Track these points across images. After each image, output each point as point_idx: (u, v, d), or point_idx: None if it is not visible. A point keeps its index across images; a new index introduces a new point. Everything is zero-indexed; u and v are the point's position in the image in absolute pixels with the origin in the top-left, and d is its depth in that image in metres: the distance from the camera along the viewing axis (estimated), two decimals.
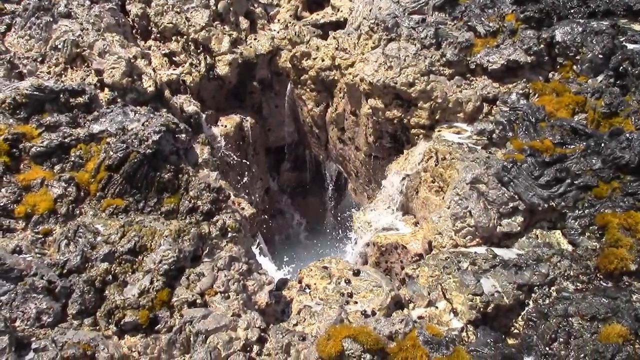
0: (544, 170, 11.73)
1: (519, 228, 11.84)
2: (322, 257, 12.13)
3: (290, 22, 21.78)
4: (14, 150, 10.10)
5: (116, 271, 9.16)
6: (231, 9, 20.47)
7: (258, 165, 21.97)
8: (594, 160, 11.66)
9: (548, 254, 10.93)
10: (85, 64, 16.07)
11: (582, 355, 8.79)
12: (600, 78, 14.66)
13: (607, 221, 10.88)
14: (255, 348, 8.86)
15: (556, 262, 10.74)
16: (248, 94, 20.90)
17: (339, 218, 25.66)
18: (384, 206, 16.51)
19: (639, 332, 8.88)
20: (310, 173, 25.10)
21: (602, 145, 11.81)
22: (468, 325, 9.90)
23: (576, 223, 11.34)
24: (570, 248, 11.22)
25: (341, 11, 21.64)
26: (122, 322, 8.68)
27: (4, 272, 8.69)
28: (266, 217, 22.81)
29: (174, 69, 18.52)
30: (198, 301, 9.13)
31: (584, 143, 12.21)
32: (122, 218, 9.70)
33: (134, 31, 19.50)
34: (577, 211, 11.39)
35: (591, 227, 11.15)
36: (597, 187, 11.36)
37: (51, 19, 17.21)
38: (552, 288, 10.40)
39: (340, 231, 24.58)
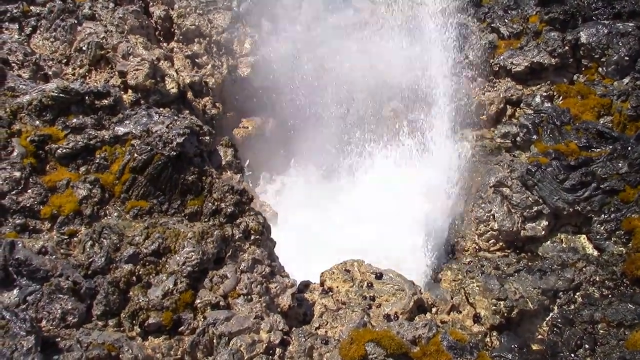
0: (569, 174, 11.60)
1: (543, 232, 11.73)
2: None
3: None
4: (40, 151, 10.20)
5: (140, 272, 9.20)
6: (253, 10, 20.54)
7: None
8: (620, 164, 11.50)
9: (573, 259, 10.81)
10: (109, 66, 16.19)
11: None
12: (626, 80, 14.49)
13: (634, 226, 10.74)
14: (278, 351, 8.85)
15: (581, 267, 10.62)
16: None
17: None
18: None
19: None
20: None
21: (629, 148, 11.65)
22: (492, 331, 9.82)
23: (602, 228, 11.20)
24: (595, 253, 11.09)
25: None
26: (146, 324, 8.72)
27: (31, 273, 8.78)
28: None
29: (197, 71, 18.58)
30: (221, 303, 9.15)
31: (610, 146, 12.05)
32: (146, 220, 9.75)
33: (157, 33, 19.60)
34: (603, 216, 11.25)
35: (617, 232, 11.01)
36: (624, 191, 11.21)
37: (76, 21, 17.36)
38: (578, 293, 10.28)
39: None
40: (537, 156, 12.43)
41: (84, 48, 16.41)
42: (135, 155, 9.96)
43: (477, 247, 12.36)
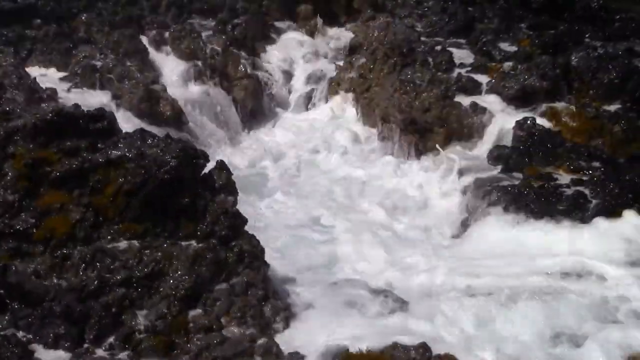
0: None
1: None
2: None
3: None
4: (34, 175, 10.17)
5: (133, 296, 9.19)
6: (247, 34, 20.86)
7: None
8: (611, 186, 11.58)
9: None
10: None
11: None
12: (616, 103, 14.69)
13: None
14: None
15: None
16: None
17: None
18: None
19: None
20: None
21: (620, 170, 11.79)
22: None
23: None
24: None
25: (356, 36, 21.81)
26: (139, 348, 8.69)
27: (23, 297, 8.78)
28: None
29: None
30: (215, 327, 9.13)
31: (602, 169, 12.17)
32: (139, 243, 9.74)
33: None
34: None
35: None
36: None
37: (71, 45, 17.55)
38: None
39: None
40: (528, 179, 12.49)
41: (78, 71, 16.54)
42: (129, 178, 9.96)
43: None
